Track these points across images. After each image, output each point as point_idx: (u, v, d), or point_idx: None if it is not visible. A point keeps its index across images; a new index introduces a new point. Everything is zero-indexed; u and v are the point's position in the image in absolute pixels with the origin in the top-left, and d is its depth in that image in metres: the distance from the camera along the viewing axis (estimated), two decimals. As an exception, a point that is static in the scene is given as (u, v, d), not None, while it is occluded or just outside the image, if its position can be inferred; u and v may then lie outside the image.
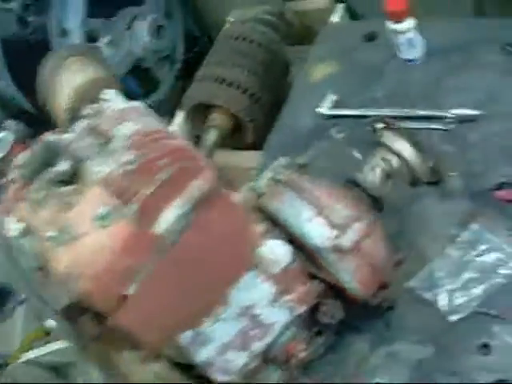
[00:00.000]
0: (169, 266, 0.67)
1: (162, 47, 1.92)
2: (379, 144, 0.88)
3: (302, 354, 0.87)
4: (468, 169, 1.05)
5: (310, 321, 0.90)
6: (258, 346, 0.85)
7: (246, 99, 1.53)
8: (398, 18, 1.15)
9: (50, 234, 0.65)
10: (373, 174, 0.86)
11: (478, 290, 0.91)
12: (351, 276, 0.79)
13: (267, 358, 0.87)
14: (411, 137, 0.86)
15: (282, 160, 0.86)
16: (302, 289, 0.84)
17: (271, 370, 0.90)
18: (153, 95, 1.94)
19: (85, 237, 0.63)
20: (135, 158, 0.66)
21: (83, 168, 0.70)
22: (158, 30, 1.87)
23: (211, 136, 1.52)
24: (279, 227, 0.82)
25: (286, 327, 0.86)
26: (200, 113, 1.62)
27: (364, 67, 1.27)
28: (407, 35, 1.17)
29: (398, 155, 0.86)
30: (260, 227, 0.81)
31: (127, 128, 0.71)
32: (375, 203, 0.86)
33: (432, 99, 1.15)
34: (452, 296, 0.92)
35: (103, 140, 0.70)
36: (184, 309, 0.72)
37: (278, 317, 0.85)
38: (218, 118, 1.54)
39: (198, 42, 2.12)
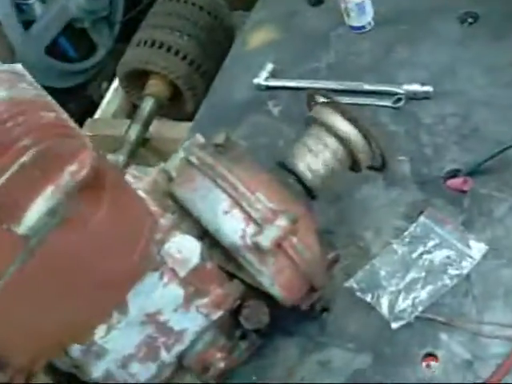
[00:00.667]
0: (36, 271, 0.51)
1: (99, 7, 1.77)
2: (314, 121, 0.74)
3: (221, 364, 0.74)
4: (418, 153, 0.93)
5: (232, 324, 0.76)
6: (167, 355, 0.71)
7: (186, 66, 1.46)
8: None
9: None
10: (305, 157, 0.72)
11: (423, 293, 0.79)
12: (273, 280, 0.65)
13: (182, 366, 0.74)
14: (352, 113, 0.72)
15: (198, 137, 0.71)
16: (218, 291, 0.70)
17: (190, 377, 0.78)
18: (89, 59, 1.80)
19: None
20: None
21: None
22: (94, -11, 1.73)
23: (147, 105, 1.44)
24: (191, 218, 0.68)
25: (201, 333, 0.72)
26: (136, 80, 1.52)
27: (307, 34, 1.13)
28: (356, -1, 1.03)
29: (336, 135, 0.72)
30: (168, 218, 0.67)
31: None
32: (307, 191, 0.72)
33: (381, 73, 1.02)
34: (395, 299, 0.80)
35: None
36: (60, 320, 0.57)
37: (189, 323, 0.70)
38: (154, 86, 1.46)
39: (140, 3, 1.96)
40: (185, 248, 0.65)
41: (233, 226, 0.63)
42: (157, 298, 0.66)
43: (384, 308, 0.79)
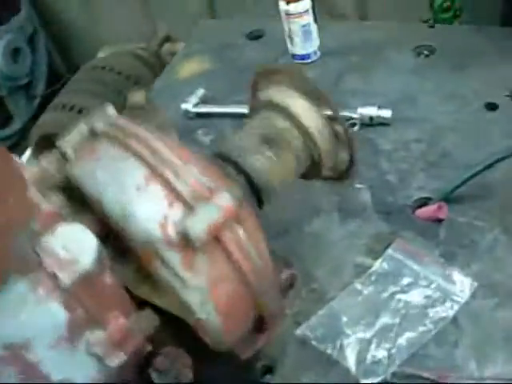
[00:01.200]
0: None
1: (18, 74, 1.68)
2: (266, 105, 0.57)
3: None
4: (379, 181, 0.77)
5: (138, 381, 0.53)
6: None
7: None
8: (292, -5, 0.91)
9: None
10: (253, 147, 0.54)
11: (401, 342, 0.60)
12: (205, 295, 0.43)
13: None
14: (322, 100, 0.56)
15: (107, 108, 0.51)
16: (121, 322, 0.47)
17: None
18: (4, 129, 1.69)
19: None
20: None
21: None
22: (14, 54, 1.65)
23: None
24: (89, 211, 0.47)
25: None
26: (50, 145, 1.31)
27: (244, 65, 1.00)
28: (303, 20, 0.92)
29: (298, 124, 0.56)
30: (52, 203, 0.45)
31: None
32: (253, 189, 0.53)
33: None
34: (364, 350, 0.59)
35: None
36: None
37: (75, 370, 0.47)
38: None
39: (64, 80, 1.85)
40: (74, 243, 0.43)
41: (149, 208, 0.42)
42: (25, 320, 0.43)
43: (350, 361, 0.59)
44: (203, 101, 0.94)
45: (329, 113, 0.57)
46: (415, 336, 0.60)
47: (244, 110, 0.88)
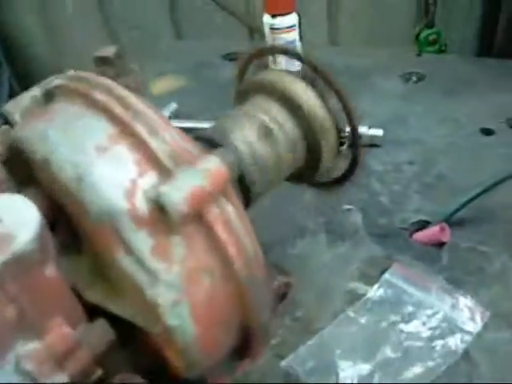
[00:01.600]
0: None
1: None
2: (259, 89, 0.49)
3: None
4: (372, 202, 0.69)
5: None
6: None
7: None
8: (280, 10, 0.85)
9: None
10: (244, 135, 0.46)
11: (406, 378, 0.50)
12: (179, 292, 0.33)
13: None
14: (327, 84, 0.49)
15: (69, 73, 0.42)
16: (63, 330, 0.36)
17: None
18: None
19: None
20: None
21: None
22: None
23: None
24: (35, 181, 0.37)
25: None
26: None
27: (220, 84, 0.93)
28: (288, 36, 0.86)
29: (297, 113, 0.48)
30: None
31: None
32: (240, 179, 0.44)
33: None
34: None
35: None
36: None
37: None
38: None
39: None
40: (10, 215, 0.33)
41: (112, 171, 0.33)
42: None
43: (349, 399, 0.48)
44: (175, 116, 0.85)
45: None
46: (422, 372, 0.51)
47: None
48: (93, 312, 0.39)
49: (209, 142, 0.45)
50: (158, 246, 0.33)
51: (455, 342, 0.53)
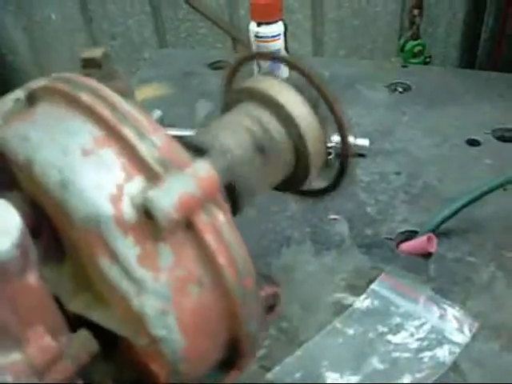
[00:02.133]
0: None
1: None
2: (248, 96, 0.48)
3: None
4: (358, 212, 0.69)
5: None
6: None
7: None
8: (266, 18, 0.85)
9: None
10: (230, 140, 0.45)
11: (396, 390, 0.49)
12: (167, 302, 0.32)
13: None
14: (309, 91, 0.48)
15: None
16: (45, 341, 0.34)
17: None
18: None
19: None
20: None
21: None
22: None
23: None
24: (17, 185, 0.35)
25: None
26: None
27: (204, 92, 0.92)
28: (274, 45, 0.86)
29: (285, 118, 0.47)
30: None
31: None
32: (228, 187, 0.43)
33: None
34: (352, 398, 0.48)
35: None
36: None
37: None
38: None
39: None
40: (-8, 222, 0.32)
41: (97, 175, 0.31)
42: None
43: (337, 413, 0.47)
44: (159, 123, 0.84)
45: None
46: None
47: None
48: (75, 323, 0.38)
49: (196, 149, 0.44)
50: (144, 254, 0.32)
51: (443, 353, 0.52)
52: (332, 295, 0.60)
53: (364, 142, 0.76)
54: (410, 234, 0.65)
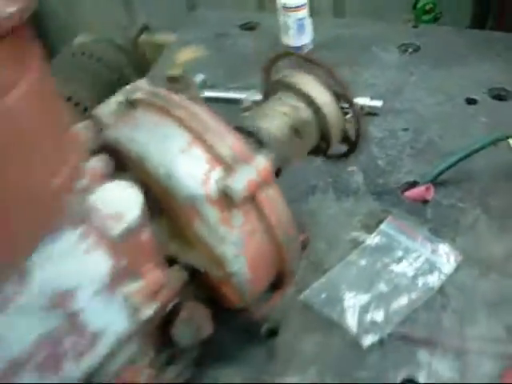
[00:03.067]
0: None
1: None
2: (283, 86, 0.62)
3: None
4: (371, 165, 0.83)
5: (159, 338, 0.57)
6: (74, 368, 0.49)
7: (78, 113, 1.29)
8: (291, -11, 0.96)
9: None
10: (271, 122, 0.59)
11: (394, 307, 0.66)
12: (240, 247, 0.48)
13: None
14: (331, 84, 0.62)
15: (141, 81, 0.56)
16: (156, 274, 0.51)
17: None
18: None
19: None
20: None
21: None
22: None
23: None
24: (129, 172, 0.51)
25: (123, 342, 0.52)
26: None
27: (239, 53, 1.05)
28: (299, 14, 0.98)
29: (311, 103, 0.61)
30: (98, 161, 0.49)
31: None
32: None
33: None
34: (362, 313, 0.65)
35: None
36: None
37: (111, 319, 0.50)
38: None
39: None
40: (120, 199, 0.47)
41: (192, 168, 0.47)
42: (72, 268, 0.47)
43: (350, 323, 0.64)
44: (203, 85, 0.98)
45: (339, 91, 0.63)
46: (407, 303, 0.66)
47: (241, 95, 0.93)
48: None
49: (247, 132, 0.58)
50: (224, 218, 0.48)
51: (433, 279, 0.68)
52: (349, 234, 0.75)
53: (378, 103, 0.90)
54: (413, 184, 0.80)
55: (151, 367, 0.56)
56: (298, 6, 0.96)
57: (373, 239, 0.73)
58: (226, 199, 0.47)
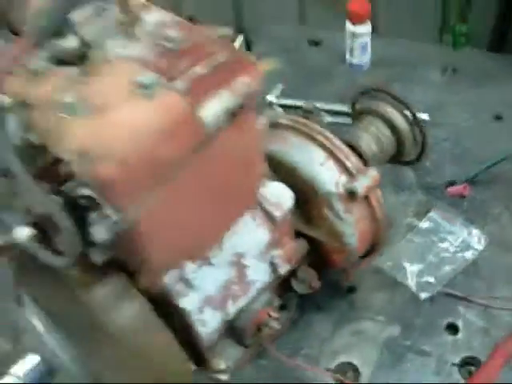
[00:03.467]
0: (202, 167, 0.56)
1: None
2: (369, 112, 0.87)
3: (275, 324, 0.78)
4: (421, 166, 1.07)
5: (277, 291, 0.82)
6: (232, 307, 0.74)
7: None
8: (359, 21, 1.19)
9: (66, 99, 0.50)
10: (367, 139, 0.83)
11: (443, 272, 0.92)
12: (354, 228, 0.74)
13: (232, 326, 0.76)
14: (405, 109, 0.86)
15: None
16: (291, 244, 0.76)
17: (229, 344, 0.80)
18: None
19: (117, 109, 0.50)
20: (177, 38, 0.57)
21: (95, 52, 0.58)
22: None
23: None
24: (277, 173, 0.75)
25: (263, 291, 0.77)
26: None
27: (308, 67, 1.28)
28: (363, 39, 1.21)
29: (391, 126, 0.85)
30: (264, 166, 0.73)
31: (156, 15, 0.61)
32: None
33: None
34: (419, 276, 0.91)
35: (125, 23, 0.59)
36: (203, 224, 0.61)
37: (261, 274, 0.75)
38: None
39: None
40: (280, 193, 0.72)
41: (328, 176, 0.72)
42: (246, 238, 0.71)
43: (411, 283, 0.90)
44: (281, 95, 1.21)
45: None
46: (450, 270, 0.92)
47: (319, 104, 1.16)
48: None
49: (350, 145, 0.83)
50: (346, 208, 0.73)
51: (468, 254, 0.94)
52: (406, 219, 1.00)
53: (425, 116, 1.14)
54: (453, 182, 1.05)
55: (275, 311, 0.81)
56: (363, 33, 1.20)
57: (423, 224, 0.99)
58: (349, 197, 0.72)
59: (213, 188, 0.60)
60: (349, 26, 1.21)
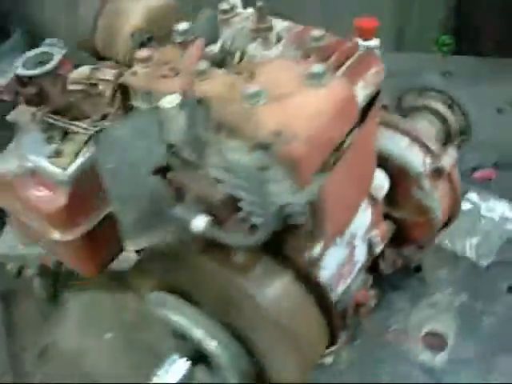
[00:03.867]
0: (353, 151, 0.64)
1: None
2: (421, 107, 0.98)
3: (373, 302, 0.85)
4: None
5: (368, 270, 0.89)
6: (341, 288, 0.81)
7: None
8: (367, 36, 1.32)
9: (250, 91, 0.57)
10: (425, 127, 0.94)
11: (493, 243, 1.04)
12: (439, 203, 0.84)
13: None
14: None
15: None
16: (383, 225, 0.85)
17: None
18: None
19: (295, 96, 0.58)
20: (321, 37, 0.66)
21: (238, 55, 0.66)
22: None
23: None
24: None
25: (360, 271, 0.85)
26: None
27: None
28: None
29: (441, 117, 0.97)
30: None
31: (281, 22, 0.70)
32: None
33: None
34: (476, 248, 1.02)
35: (261, 30, 0.68)
36: (351, 202, 0.71)
37: (362, 254, 0.83)
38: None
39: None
40: (378, 177, 0.81)
41: (416, 157, 0.82)
42: (357, 219, 0.79)
43: (470, 255, 1.01)
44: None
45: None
46: (501, 239, 1.04)
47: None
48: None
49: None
50: (434, 185, 0.83)
51: (507, 226, 1.06)
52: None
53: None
54: (475, 168, 1.18)
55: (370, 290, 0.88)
56: (372, 47, 1.32)
57: (464, 205, 1.10)
58: (435, 175, 0.82)
59: (357, 171, 0.68)
60: (359, 40, 1.33)
